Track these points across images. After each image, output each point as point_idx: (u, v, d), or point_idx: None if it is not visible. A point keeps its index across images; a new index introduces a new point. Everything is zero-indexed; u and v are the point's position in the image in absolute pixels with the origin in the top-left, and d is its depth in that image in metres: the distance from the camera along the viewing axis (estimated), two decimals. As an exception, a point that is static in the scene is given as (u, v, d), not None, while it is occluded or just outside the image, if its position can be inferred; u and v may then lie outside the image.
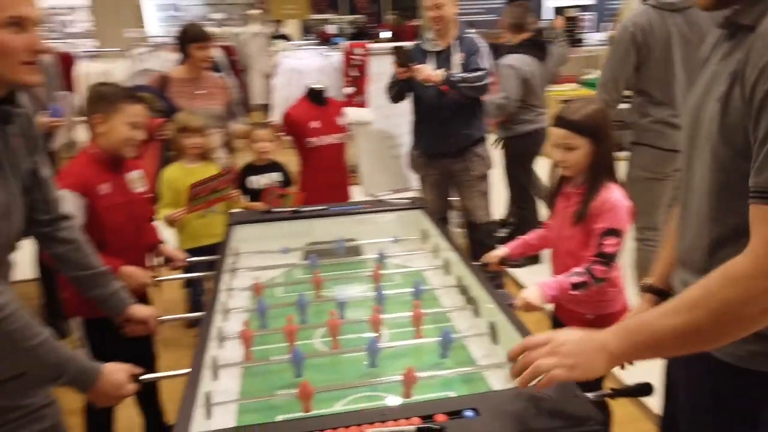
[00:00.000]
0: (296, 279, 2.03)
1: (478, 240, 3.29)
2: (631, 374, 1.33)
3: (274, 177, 3.16)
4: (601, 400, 1.18)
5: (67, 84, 5.85)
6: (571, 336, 1.02)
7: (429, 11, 2.97)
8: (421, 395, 1.33)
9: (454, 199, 3.43)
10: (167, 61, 5.88)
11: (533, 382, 1.01)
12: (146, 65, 5.80)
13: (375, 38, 9.71)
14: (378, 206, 2.37)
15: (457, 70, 2.97)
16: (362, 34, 12.17)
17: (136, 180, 2.02)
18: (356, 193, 3.64)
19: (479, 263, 1.97)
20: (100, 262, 1.61)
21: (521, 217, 3.87)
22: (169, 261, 2.13)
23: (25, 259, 1.60)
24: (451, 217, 3.59)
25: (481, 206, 3.26)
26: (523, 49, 3.63)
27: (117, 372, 1.34)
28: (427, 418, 1.07)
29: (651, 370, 1.24)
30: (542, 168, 3.85)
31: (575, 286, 1.63)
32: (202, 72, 3.21)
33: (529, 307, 1.63)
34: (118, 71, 6.19)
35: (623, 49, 2.63)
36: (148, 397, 2.19)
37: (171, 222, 2.68)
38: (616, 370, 1.13)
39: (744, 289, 0.85)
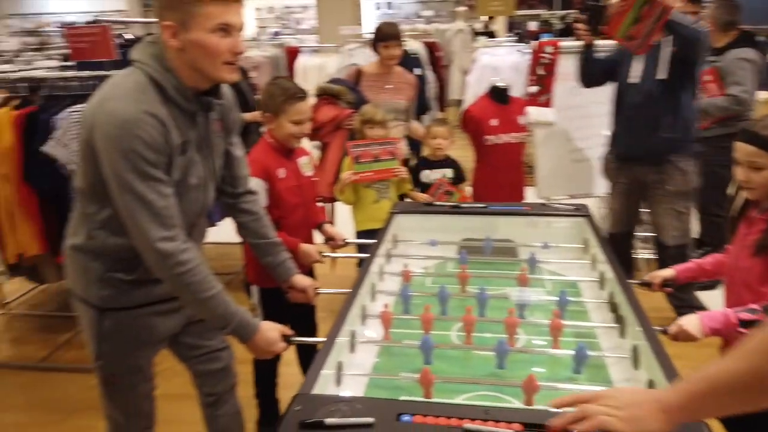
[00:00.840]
0: (445, 272, 2.09)
1: (665, 262, 2.95)
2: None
3: (447, 173, 3.24)
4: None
5: (291, 76, 6.55)
6: (625, 389, 0.99)
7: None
8: (543, 406, 1.31)
9: (645, 211, 3.15)
10: (372, 57, 6.31)
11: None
12: (354, 60, 6.28)
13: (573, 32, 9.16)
14: (539, 210, 2.32)
15: (664, 66, 2.70)
16: (571, 30, 11.56)
17: (305, 165, 2.26)
18: (530, 195, 3.57)
19: (639, 282, 1.83)
20: (274, 233, 1.85)
21: (715, 225, 3.44)
22: (330, 240, 2.33)
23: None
24: (638, 233, 3.32)
25: (674, 226, 2.88)
26: (744, 45, 3.24)
27: (271, 330, 1.55)
28: (530, 426, 1.06)
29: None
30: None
31: (744, 323, 1.44)
32: (391, 68, 3.41)
33: (684, 337, 1.49)
34: (331, 65, 6.80)
35: None
36: (309, 359, 2.44)
37: (342, 189, 2.91)
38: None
39: None
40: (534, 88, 3.45)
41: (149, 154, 1.32)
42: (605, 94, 3.02)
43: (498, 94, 3.32)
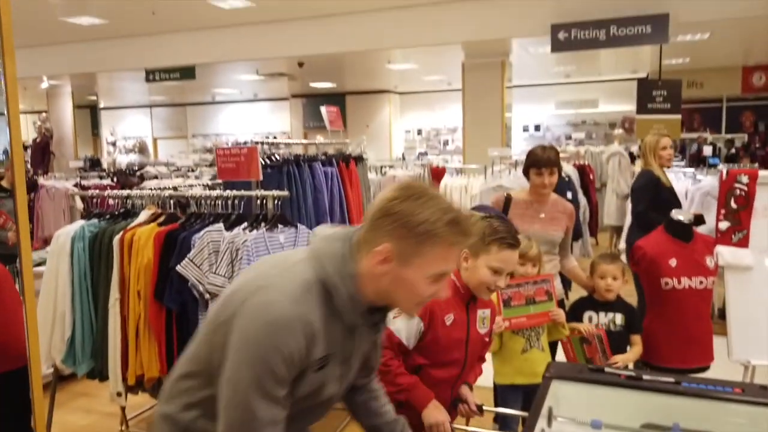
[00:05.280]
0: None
1: None
2: None
3: (617, 318, 2.70)
4: None
5: (434, 195, 6.51)
6: None
7: None
8: None
9: None
10: (518, 179, 6.04)
11: None
12: (499, 182, 6.05)
13: (760, 161, 8.33)
14: (759, 396, 1.69)
15: None
16: (738, 156, 10.68)
17: (482, 319, 1.88)
18: (720, 352, 2.85)
19: None
20: (392, 411, 1.51)
21: None
22: (463, 402, 1.88)
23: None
24: None
25: None
26: None
27: None
28: None
29: None
30: None
31: None
32: (545, 196, 3.03)
33: None
34: (475, 186, 6.63)
35: None
36: None
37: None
38: None
39: None
40: (725, 224, 2.86)
41: (281, 370, 1.09)
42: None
43: (679, 229, 2.77)
